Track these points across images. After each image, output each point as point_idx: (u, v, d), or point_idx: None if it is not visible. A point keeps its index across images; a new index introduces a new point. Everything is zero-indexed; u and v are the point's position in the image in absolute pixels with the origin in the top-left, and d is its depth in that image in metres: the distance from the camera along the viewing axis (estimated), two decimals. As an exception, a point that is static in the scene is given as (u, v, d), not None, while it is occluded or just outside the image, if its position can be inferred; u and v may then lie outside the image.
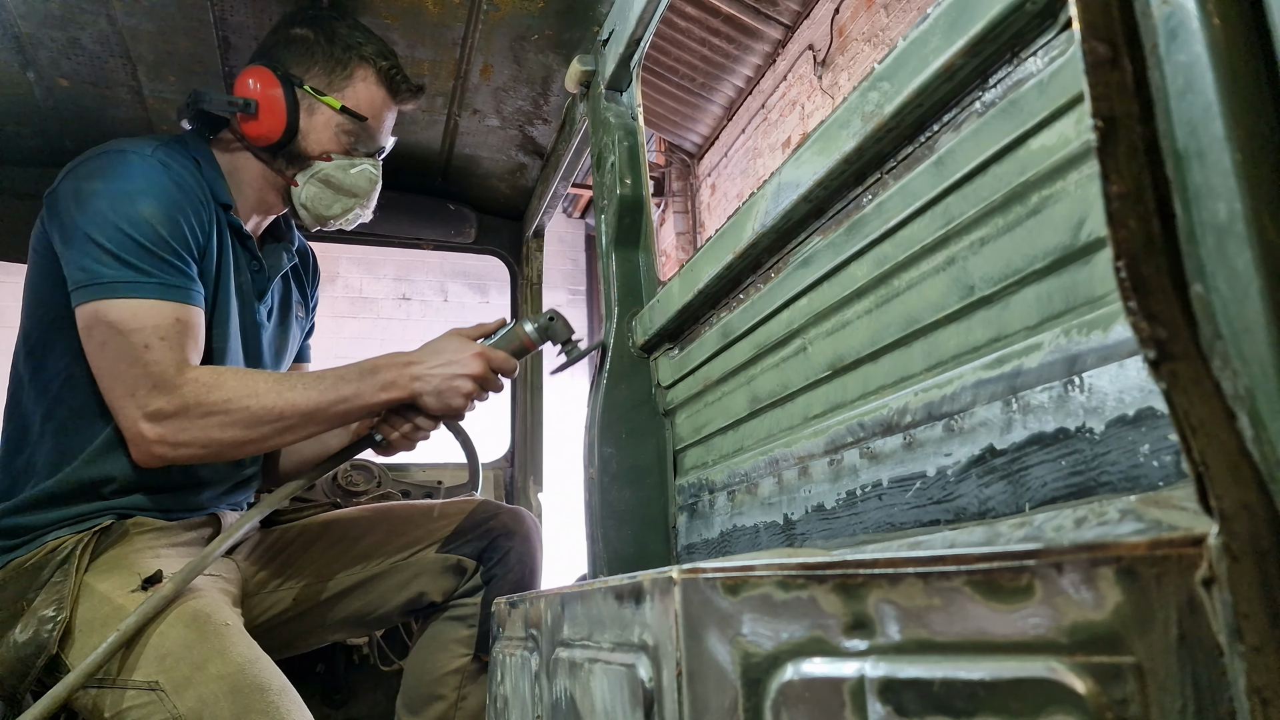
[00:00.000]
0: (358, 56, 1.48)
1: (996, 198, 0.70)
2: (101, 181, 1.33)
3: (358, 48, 1.49)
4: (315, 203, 1.52)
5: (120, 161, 1.35)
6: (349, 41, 1.48)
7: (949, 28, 0.70)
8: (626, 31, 1.42)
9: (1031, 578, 0.40)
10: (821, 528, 0.96)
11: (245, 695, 1.14)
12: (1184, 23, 0.40)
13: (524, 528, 1.64)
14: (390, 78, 1.51)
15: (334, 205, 1.53)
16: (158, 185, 1.34)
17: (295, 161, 1.50)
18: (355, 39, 1.49)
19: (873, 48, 4.94)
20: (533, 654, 0.86)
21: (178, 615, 1.21)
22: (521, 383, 2.34)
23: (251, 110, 1.44)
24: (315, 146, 1.49)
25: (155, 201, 1.33)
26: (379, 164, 1.57)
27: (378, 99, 1.51)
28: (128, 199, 1.31)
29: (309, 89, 1.47)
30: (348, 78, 1.48)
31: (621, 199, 1.49)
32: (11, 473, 1.40)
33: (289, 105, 1.46)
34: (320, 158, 1.50)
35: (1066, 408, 0.63)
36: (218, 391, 1.29)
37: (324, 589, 1.57)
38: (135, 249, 1.29)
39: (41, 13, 1.51)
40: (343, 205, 1.54)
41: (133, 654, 1.19)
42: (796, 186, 0.93)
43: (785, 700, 0.47)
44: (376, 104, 1.51)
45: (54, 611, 1.22)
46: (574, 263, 8.53)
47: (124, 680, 1.18)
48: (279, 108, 1.45)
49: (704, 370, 1.25)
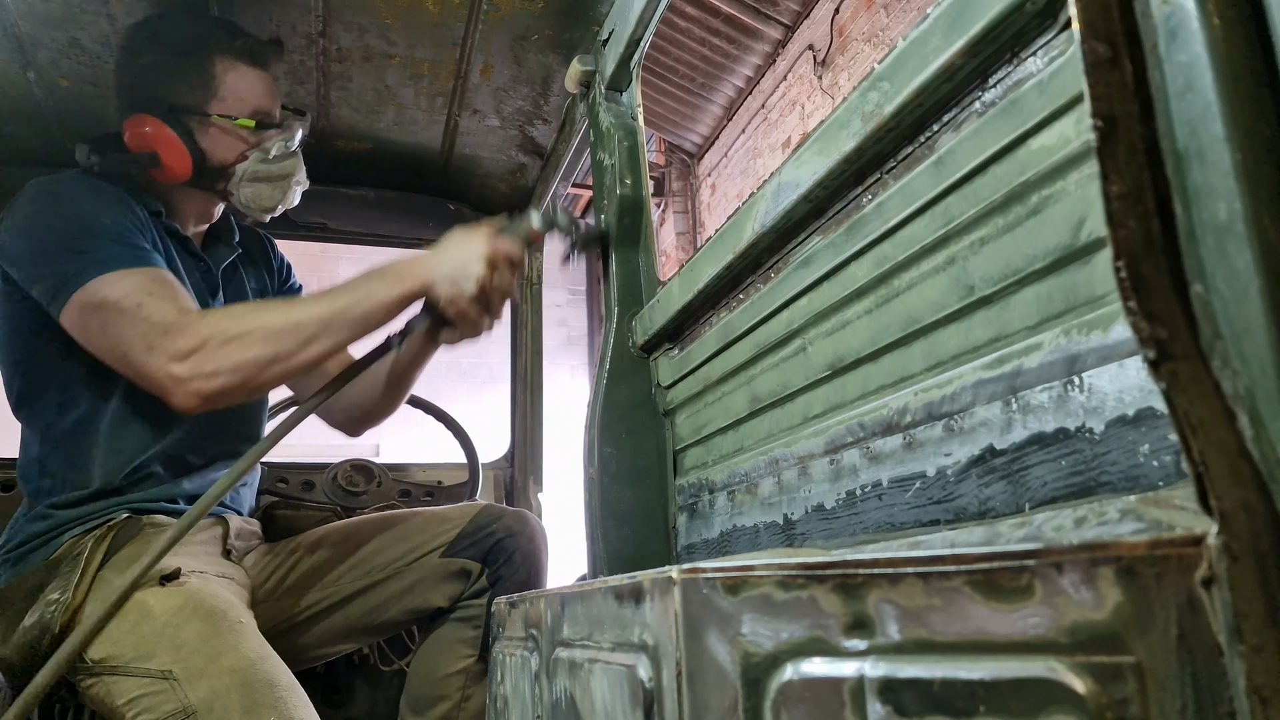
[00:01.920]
0: (208, 53, 1.45)
1: (996, 198, 0.70)
2: (34, 205, 1.37)
3: (204, 42, 1.45)
4: (256, 200, 1.51)
5: (48, 186, 1.39)
6: (191, 44, 1.45)
7: (949, 28, 0.70)
8: (626, 31, 1.42)
9: (1031, 578, 0.40)
10: (821, 528, 0.96)
11: (256, 689, 1.16)
12: (1184, 23, 0.40)
13: (528, 530, 1.64)
14: (250, 53, 1.48)
15: (274, 194, 1.52)
16: (92, 194, 1.38)
17: (219, 177, 1.49)
18: (196, 36, 1.46)
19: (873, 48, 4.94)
20: (533, 654, 0.86)
21: (195, 609, 1.23)
22: (521, 382, 2.34)
23: (156, 162, 1.44)
24: (228, 155, 1.48)
25: (94, 202, 1.36)
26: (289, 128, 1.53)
27: (251, 80, 1.48)
28: (67, 204, 1.35)
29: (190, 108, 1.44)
30: (214, 78, 1.45)
31: (621, 199, 1.49)
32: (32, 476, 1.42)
33: (184, 138, 1.44)
34: (238, 161, 1.48)
35: (1066, 408, 0.63)
36: (230, 319, 1.30)
37: (328, 597, 1.57)
38: (88, 238, 1.31)
39: (41, 13, 1.51)
40: (281, 189, 1.53)
41: (148, 643, 1.20)
42: (796, 186, 0.93)
43: (785, 700, 0.47)
44: (252, 85, 1.48)
45: (59, 594, 1.25)
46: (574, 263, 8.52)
47: (138, 668, 1.19)
48: (176, 147, 1.44)
49: (704, 370, 1.25)
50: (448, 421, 2.21)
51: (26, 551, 1.35)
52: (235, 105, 1.47)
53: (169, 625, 1.21)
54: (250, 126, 1.47)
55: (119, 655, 1.20)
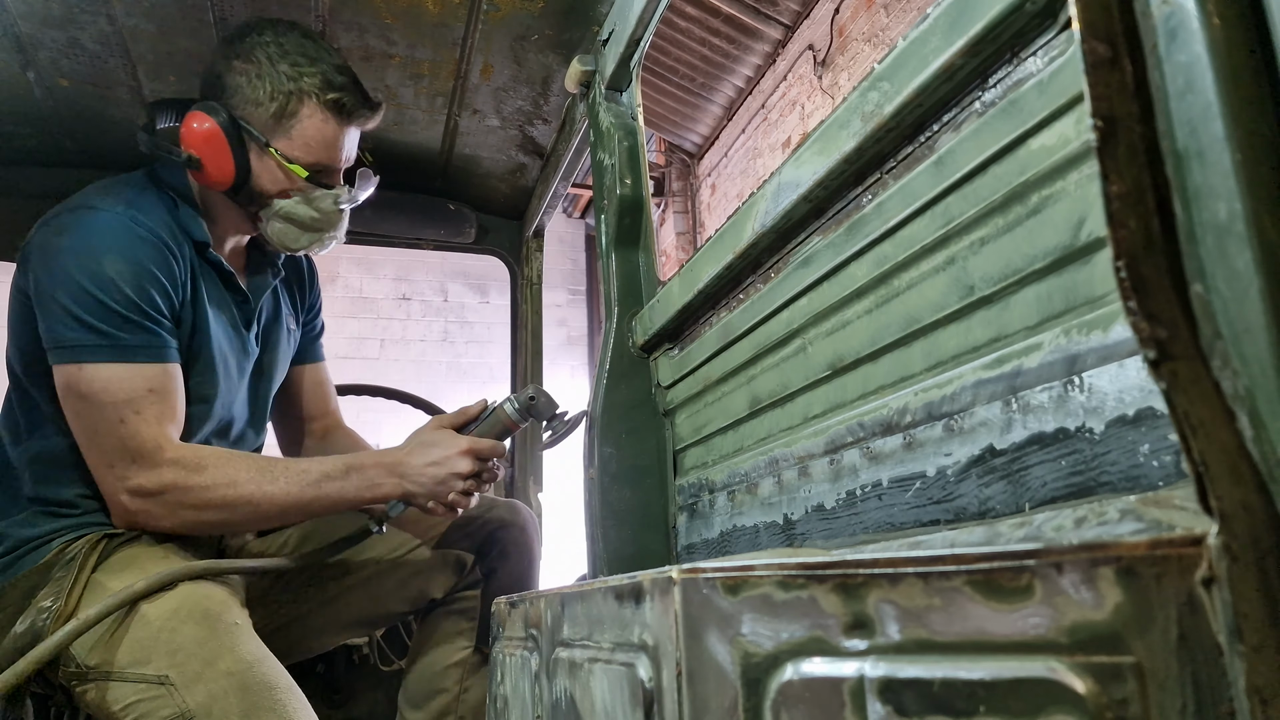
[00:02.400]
0: (298, 91, 1.39)
1: (996, 198, 0.70)
2: (68, 238, 1.31)
3: (299, 80, 1.39)
4: (282, 237, 1.47)
5: (90, 219, 1.33)
6: (290, 74, 1.38)
7: (949, 28, 0.70)
8: (626, 31, 1.42)
9: (1031, 578, 0.40)
10: (821, 528, 0.96)
11: (254, 692, 1.15)
12: (1184, 23, 0.40)
13: (520, 519, 1.64)
14: (340, 108, 1.41)
15: (300, 239, 1.48)
16: (126, 244, 1.31)
17: (255, 200, 1.45)
18: (299, 69, 1.39)
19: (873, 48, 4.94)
20: (533, 654, 0.86)
21: (189, 612, 1.22)
22: (521, 382, 2.34)
23: (195, 165, 1.39)
24: (271, 186, 1.43)
25: (122, 260, 1.30)
26: (344, 189, 1.48)
27: (328, 132, 1.42)
28: (93, 258, 1.29)
29: (255, 133, 1.40)
30: (292, 116, 1.40)
31: (621, 199, 1.49)
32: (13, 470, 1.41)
33: (235, 151, 1.39)
34: (279, 196, 1.44)
35: (1066, 408, 0.63)
36: (197, 476, 1.30)
37: (324, 592, 1.57)
38: (100, 310, 1.27)
39: (41, 13, 1.51)
40: (309, 239, 1.48)
41: (143, 648, 1.19)
42: (796, 186, 0.93)
43: (785, 700, 0.47)
44: (327, 137, 1.42)
45: (51, 602, 1.23)
46: (574, 263, 8.53)
47: (133, 674, 1.18)
48: (224, 157, 1.39)
49: (704, 370, 1.25)
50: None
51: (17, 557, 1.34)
52: (299, 149, 1.41)
53: (163, 629, 1.20)
54: (301, 175, 1.42)
55: (114, 660, 1.19)
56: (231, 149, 1.39)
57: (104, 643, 1.21)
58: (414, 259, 7.61)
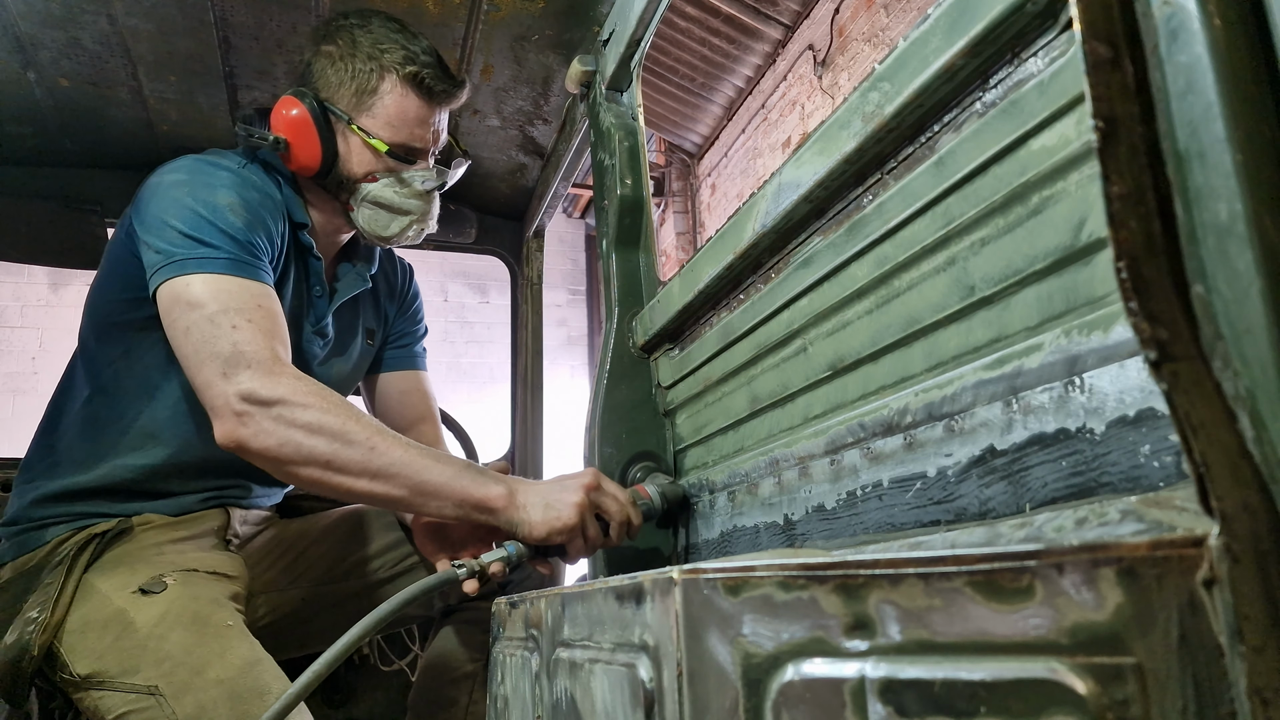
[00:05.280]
0: (379, 68, 1.41)
1: (997, 198, 0.70)
2: (186, 175, 1.34)
3: (379, 57, 1.41)
4: (372, 225, 1.47)
5: (208, 164, 1.37)
6: (372, 51, 1.41)
7: (949, 28, 0.70)
8: (626, 31, 1.42)
9: (1032, 578, 0.40)
10: (822, 528, 0.96)
11: (245, 700, 1.13)
12: (1185, 23, 0.40)
13: None
14: (420, 83, 1.42)
15: (391, 225, 1.48)
16: (239, 187, 1.35)
17: (344, 186, 1.45)
18: (381, 47, 1.41)
19: (873, 48, 4.94)
20: (533, 654, 0.86)
21: (177, 617, 1.21)
22: (522, 382, 2.34)
23: (281, 147, 1.41)
24: (359, 169, 1.44)
25: (235, 195, 1.33)
26: (432, 170, 1.48)
27: (410, 110, 1.43)
28: (208, 189, 1.32)
29: (340, 112, 1.42)
30: (374, 93, 1.41)
31: (621, 199, 1.49)
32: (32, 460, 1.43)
33: (322, 134, 1.41)
34: (366, 180, 1.45)
35: (1067, 408, 0.63)
36: (315, 398, 1.21)
37: (334, 591, 1.56)
38: (209, 228, 1.28)
39: (41, 13, 1.51)
40: (399, 225, 1.48)
41: (131, 657, 1.18)
42: (797, 187, 0.93)
43: (786, 701, 0.47)
44: (409, 115, 1.43)
45: (38, 613, 1.22)
46: (574, 263, 8.53)
47: (123, 684, 1.17)
48: (311, 139, 1.41)
49: (704, 370, 1.25)
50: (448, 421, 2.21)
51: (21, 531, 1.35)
52: (382, 126, 1.42)
53: (151, 637, 1.18)
54: (381, 150, 1.42)
55: (104, 670, 1.18)
56: (318, 131, 1.41)
57: (93, 653, 1.20)
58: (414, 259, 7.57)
